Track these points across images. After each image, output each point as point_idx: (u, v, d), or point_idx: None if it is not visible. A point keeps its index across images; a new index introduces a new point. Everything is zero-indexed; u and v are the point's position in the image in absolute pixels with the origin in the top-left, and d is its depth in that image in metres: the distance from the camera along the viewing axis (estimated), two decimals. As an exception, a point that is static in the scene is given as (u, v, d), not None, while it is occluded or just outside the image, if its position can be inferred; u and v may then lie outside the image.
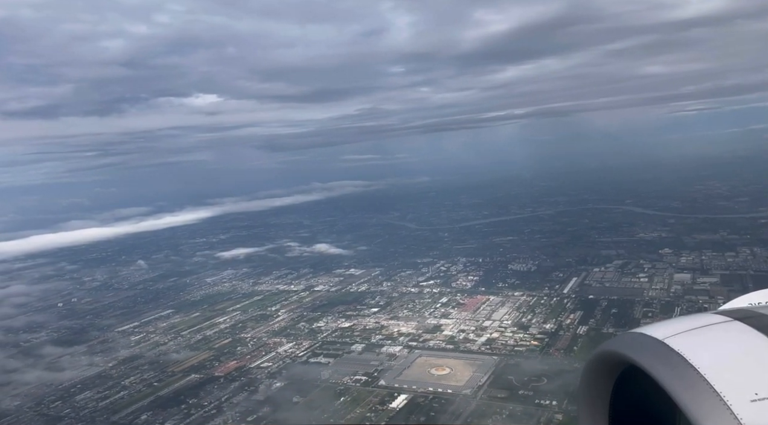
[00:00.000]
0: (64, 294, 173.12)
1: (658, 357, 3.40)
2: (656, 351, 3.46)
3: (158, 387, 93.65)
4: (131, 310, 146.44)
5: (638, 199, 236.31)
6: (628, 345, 3.71)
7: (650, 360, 3.41)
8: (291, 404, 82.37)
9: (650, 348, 3.52)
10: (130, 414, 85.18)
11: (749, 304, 5.02)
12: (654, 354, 3.44)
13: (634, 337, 3.74)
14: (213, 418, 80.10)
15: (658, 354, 3.43)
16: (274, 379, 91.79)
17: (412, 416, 74.29)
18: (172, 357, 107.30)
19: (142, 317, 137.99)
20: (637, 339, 3.70)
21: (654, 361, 3.38)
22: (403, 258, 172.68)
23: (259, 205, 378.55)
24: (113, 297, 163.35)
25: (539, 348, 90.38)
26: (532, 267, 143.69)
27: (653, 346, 3.52)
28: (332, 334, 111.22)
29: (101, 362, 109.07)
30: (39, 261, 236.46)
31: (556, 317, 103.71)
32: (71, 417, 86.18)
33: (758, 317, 3.68)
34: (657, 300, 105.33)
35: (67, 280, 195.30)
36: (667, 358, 3.36)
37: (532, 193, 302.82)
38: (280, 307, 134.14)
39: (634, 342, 3.70)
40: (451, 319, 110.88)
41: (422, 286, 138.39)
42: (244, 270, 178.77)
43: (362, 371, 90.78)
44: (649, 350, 3.50)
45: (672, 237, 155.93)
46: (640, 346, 3.60)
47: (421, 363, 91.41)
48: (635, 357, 3.54)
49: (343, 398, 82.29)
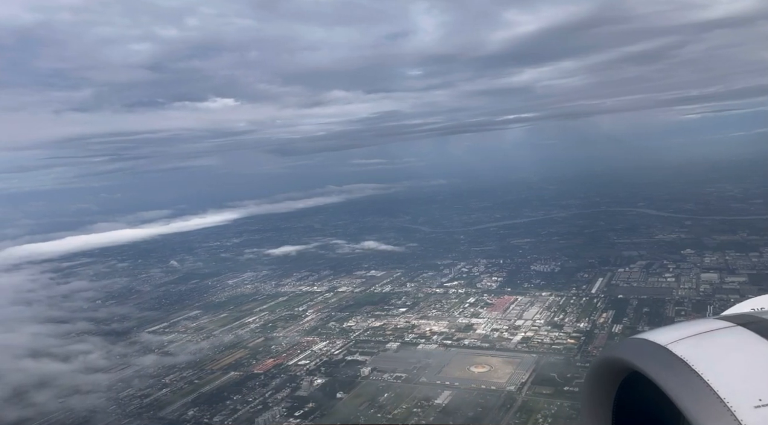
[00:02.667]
0: (129, 289, 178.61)
1: (661, 363, 3.42)
2: (659, 357, 3.48)
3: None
4: (211, 302, 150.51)
5: (650, 202, 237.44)
6: (631, 351, 3.73)
7: (653, 366, 3.42)
8: (335, 400, 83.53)
9: (653, 354, 3.54)
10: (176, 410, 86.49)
11: (752, 310, 5.11)
12: (657, 360, 3.46)
13: (637, 343, 3.76)
14: (260, 413, 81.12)
15: (661, 360, 3.45)
16: (314, 376, 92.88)
17: (458, 411, 75.37)
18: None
19: (223, 309, 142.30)
20: (640, 345, 3.72)
21: (657, 367, 3.40)
22: (423, 260, 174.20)
23: (281, 207, 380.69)
24: (177, 290, 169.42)
25: (577, 346, 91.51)
26: (555, 268, 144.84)
27: (656, 352, 3.54)
28: (364, 333, 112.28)
29: (207, 347, 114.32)
30: (83, 260, 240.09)
31: (588, 316, 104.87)
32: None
33: (761, 322, 3.69)
34: (688, 299, 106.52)
35: (127, 276, 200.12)
36: (670, 364, 3.37)
37: (541, 196, 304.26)
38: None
39: (637, 348, 3.71)
40: (482, 319, 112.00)
41: (447, 287, 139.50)
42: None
43: (401, 368, 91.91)
44: (653, 356, 3.52)
45: (692, 239, 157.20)
46: (643, 352, 3.61)
47: (459, 361, 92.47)
48: (638, 363, 3.56)
49: (387, 394, 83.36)
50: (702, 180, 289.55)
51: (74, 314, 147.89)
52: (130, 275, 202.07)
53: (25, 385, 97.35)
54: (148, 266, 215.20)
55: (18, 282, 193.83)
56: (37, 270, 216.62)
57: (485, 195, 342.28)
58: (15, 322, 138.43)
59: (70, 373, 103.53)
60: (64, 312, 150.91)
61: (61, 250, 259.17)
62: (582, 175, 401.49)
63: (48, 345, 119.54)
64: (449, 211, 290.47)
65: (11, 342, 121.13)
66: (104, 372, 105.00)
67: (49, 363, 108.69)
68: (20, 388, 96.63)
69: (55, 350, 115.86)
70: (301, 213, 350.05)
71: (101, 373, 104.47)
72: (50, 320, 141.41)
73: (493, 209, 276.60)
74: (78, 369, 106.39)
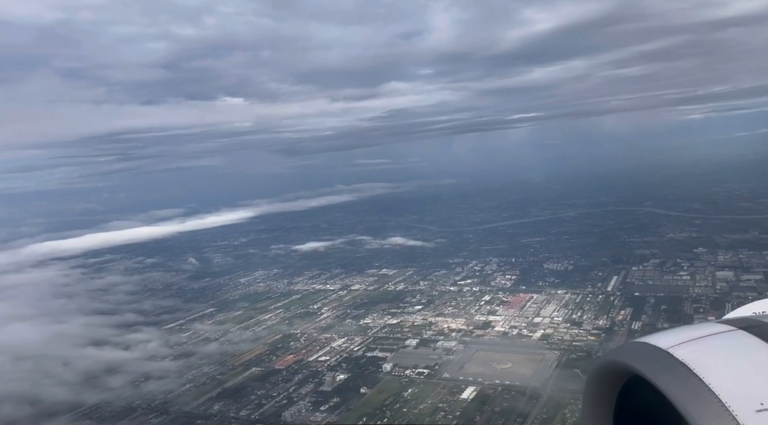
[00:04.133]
0: (165, 283, 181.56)
1: (662, 367, 3.40)
2: (661, 361, 3.47)
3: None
4: (246, 296, 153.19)
5: (657, 201, 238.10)
6: (632, 355, 3.72)
7: (655, 370, 3.42)
8: (359, 395, 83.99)
9: (654, 357, 3.53)
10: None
11: (753, 313, 5.10)
12: (658, 364, 3.45)
13: (638, 347, 3.75)
14: (286, 408, 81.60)
15: (662, 363, 3.44)
16: (336, 371, 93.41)
17: (485, 406, 75.84)
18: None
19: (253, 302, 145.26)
20: (641, 348, 3.71)
21: (658, 371, 3.39)
22: (434, 259, 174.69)
23: (295, 206, 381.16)
24: (214, 283, 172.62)
25: (598, 343, 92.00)
26: (568, 266, 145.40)
27: (657, 356, 3.53)
28: (382, 330, 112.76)
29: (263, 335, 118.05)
30: (107, 256, 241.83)
31: (606, 314, 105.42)
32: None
33: (762, 326, 3.68)
34: (705, 297, 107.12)
35: (158, 271, 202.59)
36: (671, 368, 3.37)
37: (547, 196, 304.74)
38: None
39: (638, 351, 3.70)
40: (499, 316, 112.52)
41: (460, 285, 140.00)
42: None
43: (422, 364, 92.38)
44: (654, 360, 3.51)
45: (703, 237, 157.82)
46: (644, 356, 3.61)
47: (480, 358, 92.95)
48: (639, 367, 3.55)
49: (411, 389, 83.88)
50: (708, 180, 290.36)
51: (119, 306, 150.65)
52: (160, 270, 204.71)
53: (94, 371, 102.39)
54: (176, 261, 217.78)
55: (50, 277, 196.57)
56: (66, 266, 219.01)
57: (491, 194, 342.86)
58: (63, 314, 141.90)
59: (136, 361, 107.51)
60: (108, 304, 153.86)
61: (82, 247, 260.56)
62: (586, 175, 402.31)
63: (105, 334, 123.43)
64: (457, 210, 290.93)
65: (68, 332, 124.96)
66: (170, 360, 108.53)
67: (112, 351, 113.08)
68: (91, 374, 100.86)
69: (113, 339, 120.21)
70: (316, 211, 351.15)
71: (168, 360, 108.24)
72: (97, 312, 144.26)
73: (499, 208, 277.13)
74: (142, 356, 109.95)
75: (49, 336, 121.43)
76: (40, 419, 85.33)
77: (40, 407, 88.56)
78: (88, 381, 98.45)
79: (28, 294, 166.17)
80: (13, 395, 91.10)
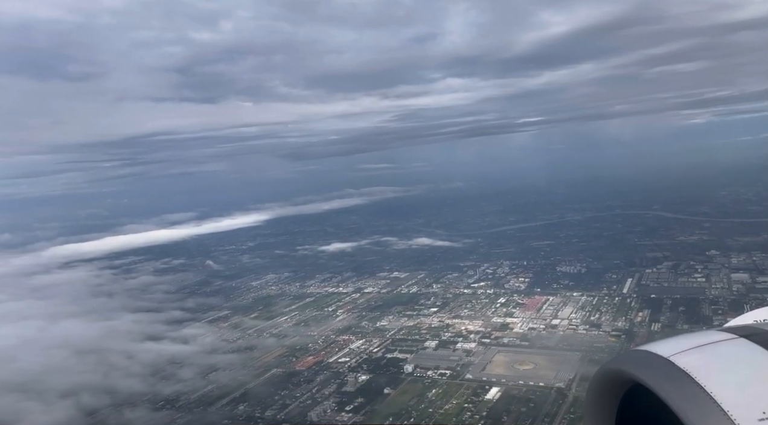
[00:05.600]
0: (200, 282, 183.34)
1: (664, 376, 3.38)
2: (662, 369, 3.44)
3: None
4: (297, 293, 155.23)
5: (665, 205, 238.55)
6: (633, 363, 3.71)
7: (656, 379, 3.39)
8: (383, 395, 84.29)
9: (656, 366, 3.51)
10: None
11: (754, 321, 5.11)
12: (660, 372, 3.42)
13: (640, 355, 3.74)
14: (311, 408, 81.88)
15: (664, 372, 3.41)
16: (358, 372, 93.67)
17: (512, 406, 76.17)
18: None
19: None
20: (643, 356, 3.69)
21: (660, 379, 3.36)
22: (444, 262, 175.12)
23: (308, 209, 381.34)
24: (248, 284, 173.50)
25: (618, 344, 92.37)
26: (581, 269, 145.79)
27: (659, 364, 3.51)
28: (399, 332, 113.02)
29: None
30: (131, 258, 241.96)
31: (624, 315, 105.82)
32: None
33: (764, 334, 3.66)
34: (722, 299, 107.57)
35: (187, 271, 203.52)
36: (673, 376, 3.34)
37: (552, 201, 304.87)
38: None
39: (640, 359, 3.68)
40: (516, 318, 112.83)
41: (474, 288, 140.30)
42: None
43: (444, 365, 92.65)
44: (655, 368, 3.49)
45: (714, 240, 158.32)
46: (645, 364, 3.59)
47: (501, 359, 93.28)
48: (641, 375, 3.52)
49: (435, 390, 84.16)
50: (713, 183, 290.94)
51: (162, 304, 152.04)
52: (191, 270, 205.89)
53: (160, 364, 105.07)
54: (203, 262, 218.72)
55: (82, 278, 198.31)
56: (93, 267, 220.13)
57: (495, 199, 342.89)
58: (108, 311, 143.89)
59: (198, 354, 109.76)
60: (150, 302, 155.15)
61: (103, 250, 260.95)
62: (590, 179, 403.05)
63: (158, 330, 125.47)
64: (464, 214, 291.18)
65: (119, 328, 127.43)
66: (231, 353, 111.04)
67: (171, 345, 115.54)
68: (157, 366, 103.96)
69: (168, 334, 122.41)
70: (331, 213, 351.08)
71: (229, 354, 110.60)
72: (141, 309, 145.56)
73: (505, 213, 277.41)
74: (202, 350, 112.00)
75: (103, 331, 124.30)
76: (122, 408, 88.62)
77: (119, 397, 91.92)
78: (157, 373, 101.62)
79: (65, 293, 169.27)
80: (88, 386, 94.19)
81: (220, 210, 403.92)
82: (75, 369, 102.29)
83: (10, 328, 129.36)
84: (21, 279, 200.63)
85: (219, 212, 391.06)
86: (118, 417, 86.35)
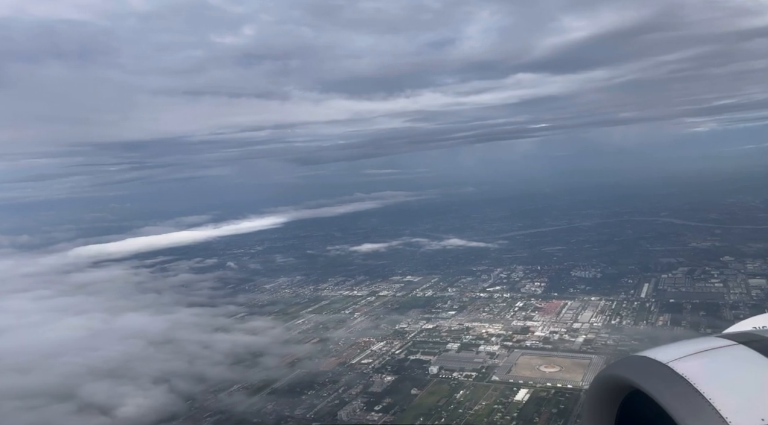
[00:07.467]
0: (242, 279, 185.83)
1: (662, 382, 3.39)
2: (661, 376, 3.46)
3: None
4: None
5: (673, 212, 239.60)
6: (632, 370, 3.72)
7: (655, 385, 3.41)
8: (410, 396, 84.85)
9: (655, 372, 3.53)
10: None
11: (753, 328, 5.18)
12: (659, 379, 3.44)
13: (638, 361, 3.76)
14: (340, 407, 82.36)
15: (662, 378, 3.43)
16: (383, 373, 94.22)
17: (542, 408, 76.71)
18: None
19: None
20: (641, 363, 3.71)
21: (659, 386, 3.38)
22: (456, 266, 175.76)
23: (321, 212, 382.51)
24: (288, 280, 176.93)
25: (642, 347, 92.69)
26: (596, 274, 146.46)
27: (658, 370, 3.52)
28: (419, 334, 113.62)
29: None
30: (161, 258, 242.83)
31: (645, 319, 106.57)
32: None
33: (763, 341, 3.68)
34: (742, 303, 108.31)
35: (224, 270, 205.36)
36: (672, 383, 3.36)
37: (560, 207, 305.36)
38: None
39: (638, 366, 3.70)
40: (536, 322, 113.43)
41: (490, 292, 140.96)
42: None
43: (468, 367, 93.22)
44: (654, 374, 3.51)
45: (727, 246, 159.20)
46: (644, 370, 3.61)
47: (525, 362, 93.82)
48: (639, 381, 3.55)
49: (462, 391, 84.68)
50: (720, 191, 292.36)
51: (213, 300, 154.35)
52: (228, 269, 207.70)
53: (239, 353, 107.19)
54: (236, 261, 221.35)
55: (121, 276, 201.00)
56: (126, 266, 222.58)
57: (501, 204, 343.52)
58: (163, 306, 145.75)
59: (271, 344, 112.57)
60: (201, 297, 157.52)
61: (128, 250, 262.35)
62: (595, 186, 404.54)
63: (222, 323, 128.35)
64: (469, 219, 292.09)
65: (183, 321, 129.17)
66: (305, 343, 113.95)
67: (243, 336, 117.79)
68: (237, 355, 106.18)
69: (235, 326, 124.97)
70: (347, 217, 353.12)
71: (303, 344, 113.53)
72: (195, 304, 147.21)
73: (513, 218, 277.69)
74: (275, 341, 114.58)
75: (169, 324, 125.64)
76: (218, 393, 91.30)
77: (210, 383, 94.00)
78: (239, 361, 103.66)
79: (111, 290, 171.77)
80: (176, 373, 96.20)
81: (234, 213, 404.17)
82: (157, 357, 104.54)
83: (75, 320, 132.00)
84: (59, 276, 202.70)
85: (232, 215, 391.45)
86: (216, 401, 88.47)
